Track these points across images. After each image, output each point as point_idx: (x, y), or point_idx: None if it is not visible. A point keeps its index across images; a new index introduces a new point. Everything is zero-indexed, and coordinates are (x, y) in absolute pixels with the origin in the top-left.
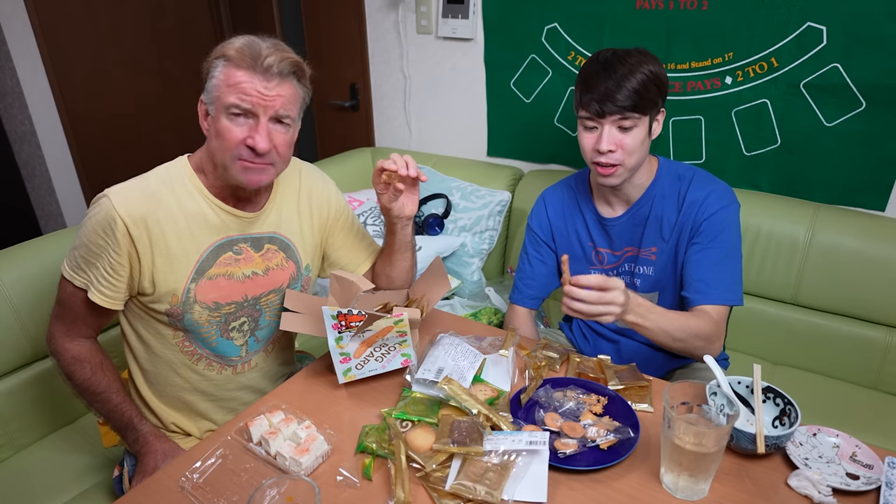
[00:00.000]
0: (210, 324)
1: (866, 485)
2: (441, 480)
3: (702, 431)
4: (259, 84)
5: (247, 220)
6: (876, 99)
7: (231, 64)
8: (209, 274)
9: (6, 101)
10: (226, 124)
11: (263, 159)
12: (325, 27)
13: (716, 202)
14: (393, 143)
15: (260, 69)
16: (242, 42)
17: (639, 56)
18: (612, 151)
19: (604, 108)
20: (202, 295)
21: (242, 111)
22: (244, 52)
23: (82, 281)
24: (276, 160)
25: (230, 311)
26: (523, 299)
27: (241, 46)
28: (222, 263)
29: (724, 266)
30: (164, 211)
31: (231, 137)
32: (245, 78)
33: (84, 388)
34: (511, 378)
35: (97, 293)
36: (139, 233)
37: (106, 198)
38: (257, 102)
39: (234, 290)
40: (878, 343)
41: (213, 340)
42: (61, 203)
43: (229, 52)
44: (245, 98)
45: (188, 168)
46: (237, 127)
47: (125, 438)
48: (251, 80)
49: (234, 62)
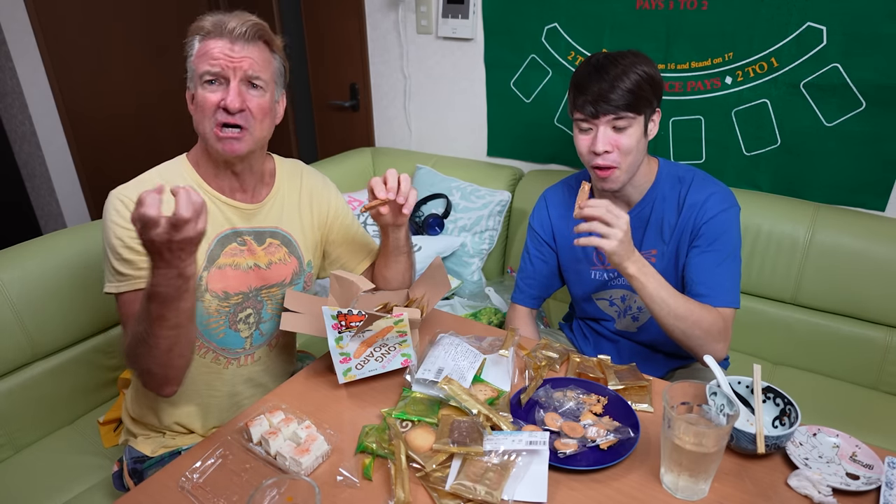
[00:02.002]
0: (219, 314)
1: (866, 485)
2: (441, 480)
3: (702, 431)
4: (225, 48)
5: (248, 212)
6: (876, 99)
7: (204, 37)
8: (218, 263)
9: (6, 101)
10: (201, 93)
11: (237, 120)
12: (325, 27)
13: (716, 205)
14: (393, 143)
15: (226, 34)
16: (212, 16)
17: (632, 57)
18: (608, 152)
19: (598, 109)
20: (213, 283)
21: (213, 76)
22: (213, 23)
23: (127, 284)
24: (251, 123)
25: (238, 302)
26: (525, 299)
27: (211, 19)
28: (229, 253)
29: (724, 269)
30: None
31: (207, 103)
32: (214, 45)
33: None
34: (511, 378)
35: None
36: None
37: (114, 193)
38: (225, 65)
39: (241, 280)
40: (878, 343)
41: (221, 332)
42: (61, 203)
43: (203, 25)
44: (214, 62)
45: (186, 164)
46: (212, 94)
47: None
48: (219, 45)
49: (206, 34)
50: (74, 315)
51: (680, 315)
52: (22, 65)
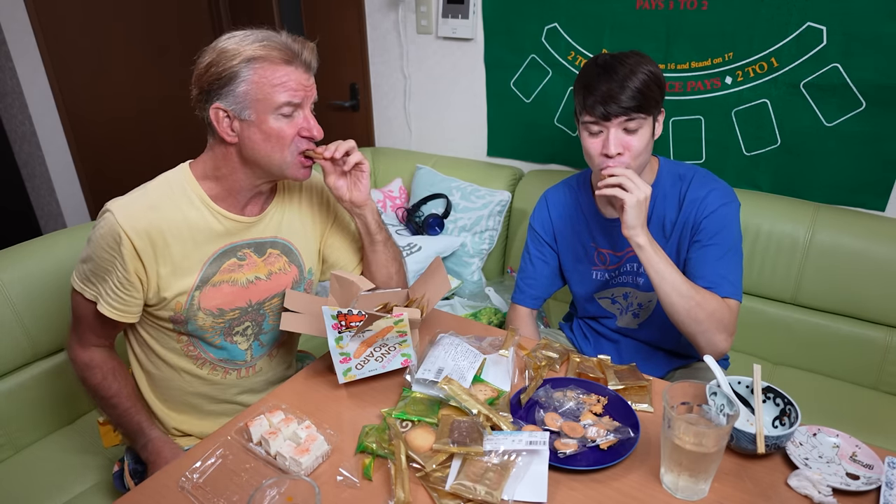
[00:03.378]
0: (214, 329)
1: (866, 485)
2: (441, 480)
3: (702, 431)
4: (302, 77)
5: (249, 225)
6: (876, 99)
7: (266, 63)
8: (213, 281)
9: (6, 101)
10: (277, 124)
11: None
12: (325, 27)
13: (716, 200)
14: (393, 143)
15: (300, 63)
16: (259, 39)
17: (636, 57)
18: (619, 154)
19: (608, 111)
20: (206, 302)
21: (294, 106)
22: (278, 49)
23: (92, 293)
24: None
25: (234, 317)
26: (525, 299)
27: (270, 44)
28: (226, 270)
29: (726, 262)
30: (166, 222)
31: (288, 135)
32: (289, 74)
33: (95, 393)
34: (511, 378)
35: (107, 306)
36: (143, 245)
37: (109, 213)
38: (305, 95)
39: (238, 296)
40: (878, 343)
41: (218, 344)
42: (61, 203)
43: (256, 52)
44: (296, 94)
45: (189, 176)
46: (288, 124)
47: (135, 444)
48: (295, 75)
49: (269, 61)
50: None
51: (684, 293)
52: (22, 65)
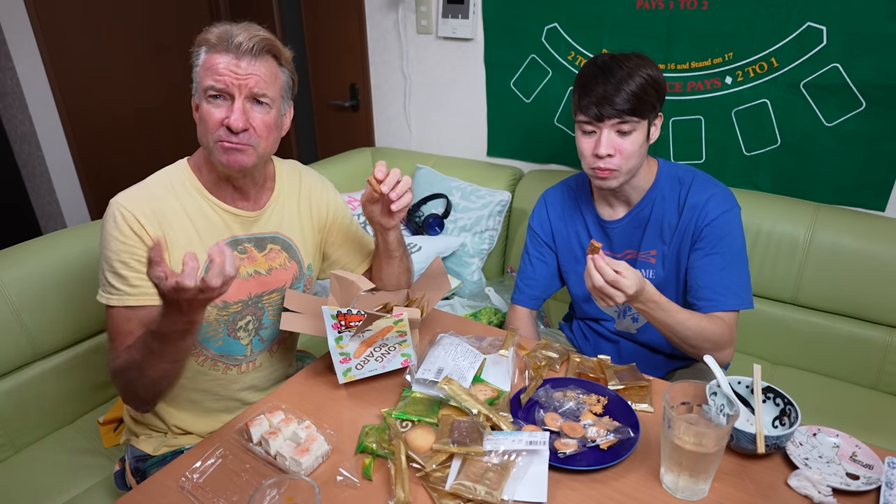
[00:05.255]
0: (218, 322)
1: (866, 485)
2: (441, 480)
3: (702, 431)
4: (231, 64)
5: (248, 219)
6: (876, 99)
7: (210, 50)
8: None
9: (6, 101)
10: (206, 107)
11: (241, 139)
12: (325, 27)
13: (716, 207)
14: (393, 143)
15: (232, 49)
16: (219, 28)
17: (637, 60)
18: (610, 156)
19: (602, 112)
20: None
21: (218, 92)
22: (219, 36)
23: (118, 298)
24: (255, 141)
25: (237, 310)
26: (524, 299)
27: (218, 31)
28: None
29: (731, 271)
30: (170, 210)
31: (210, 120)
32: (220, 60)
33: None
34: (511, 378)
35: (136, 295)
36: (154, 228)
37: (115, 203)
38: (230, 82)
39: (240, 289)
40: (878, 343)
41: (220, 339)
42: (61, 203)
43: (209, 38)
44: (219, 79)
45: (187, 169)
46: (216, 109)
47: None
48: (225, 60)
49: (212, 47)
50: (74, 315)
51: (688, 337)
52: (22, 65)
